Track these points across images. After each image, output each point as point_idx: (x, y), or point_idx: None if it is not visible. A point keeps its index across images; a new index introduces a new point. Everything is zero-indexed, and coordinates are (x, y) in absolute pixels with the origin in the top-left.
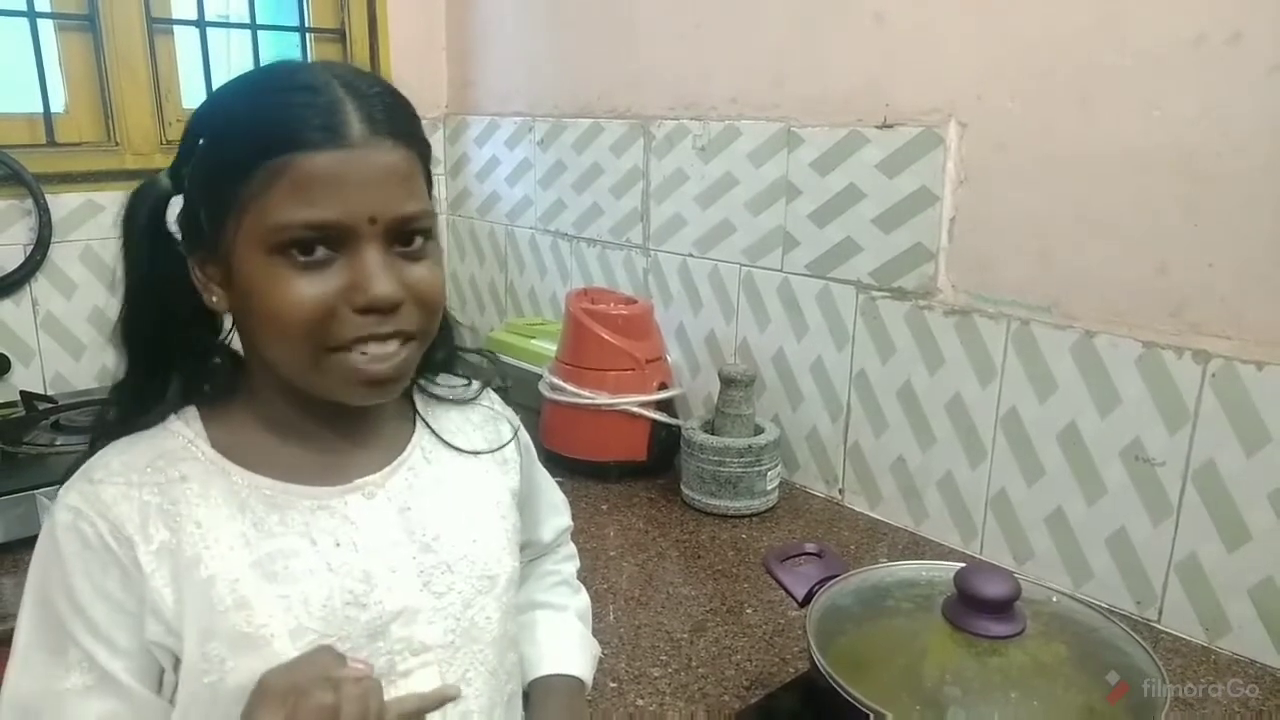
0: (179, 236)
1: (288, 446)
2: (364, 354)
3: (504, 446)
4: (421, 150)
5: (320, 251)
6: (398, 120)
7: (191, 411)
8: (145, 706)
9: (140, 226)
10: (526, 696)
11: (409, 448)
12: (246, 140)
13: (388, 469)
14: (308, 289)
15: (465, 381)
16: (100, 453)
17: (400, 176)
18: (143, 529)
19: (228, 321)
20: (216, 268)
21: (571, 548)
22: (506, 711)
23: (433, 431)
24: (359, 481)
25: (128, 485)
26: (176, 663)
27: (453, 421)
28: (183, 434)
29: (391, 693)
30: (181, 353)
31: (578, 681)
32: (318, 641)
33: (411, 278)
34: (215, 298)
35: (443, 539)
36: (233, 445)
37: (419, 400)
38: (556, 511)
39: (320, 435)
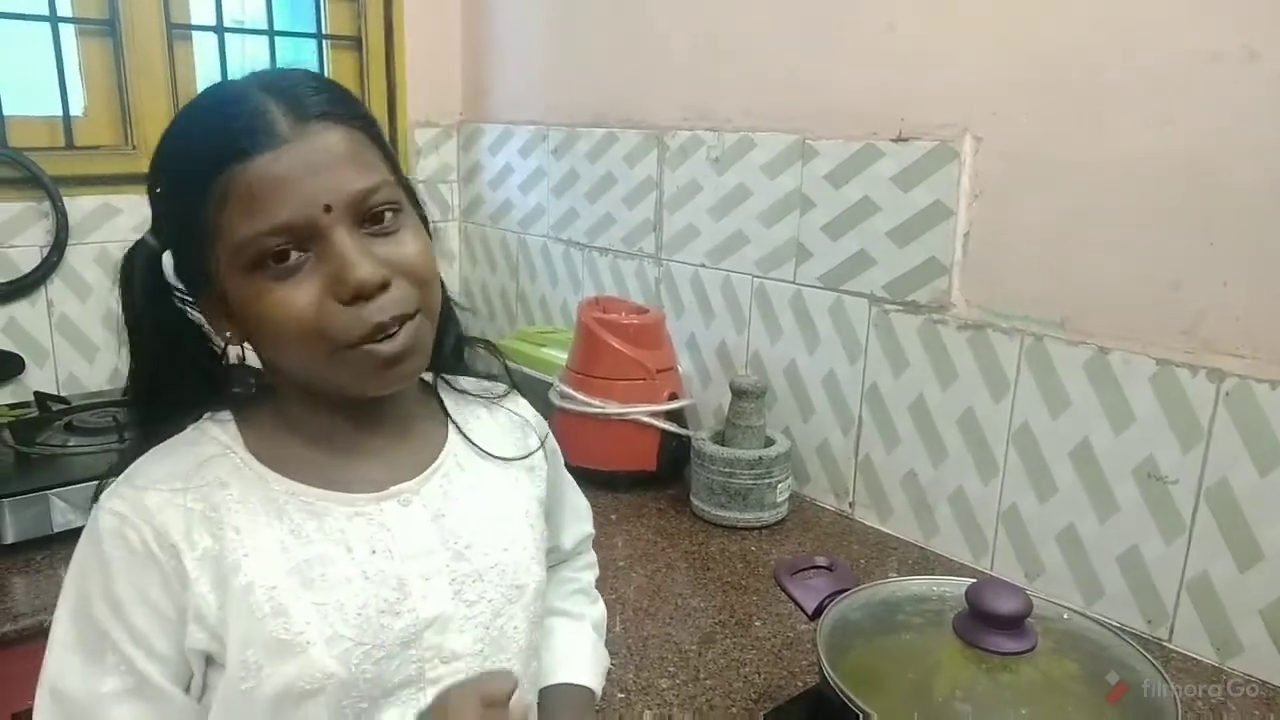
0: (181, 288)
1: (321, 453)
2: (374, 350)
3: (533, 454)
4: (364, 125)
5: (294, 256)
6: (324, 103)
7: (226, 417)
8: (181, 710)
9: (138, 287)
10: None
11: (443, 454)
12: (188, 168)
13: (422, 476)
14: (293, 296)
15: (491, 382)
16: (141, 459)
17: (343, 155)
18: (187, 536)
19: (243, 352)
20: (217, 302)
21: (592, 556)
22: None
23: (465, 438)
24: (394, 489)
25: (172, 492)
26: (208, 666)
27: (482, 427)
28: (220, 439)
29: (422, 700)
30: (201, 391)
31: (589, 692)
32: (352, 649)
33: (391, 254)
34: (229, 333)
35: (475, 547)
36: (268, 452)
37: (449, 402)
38: (579, 518)
39: (351, 441)
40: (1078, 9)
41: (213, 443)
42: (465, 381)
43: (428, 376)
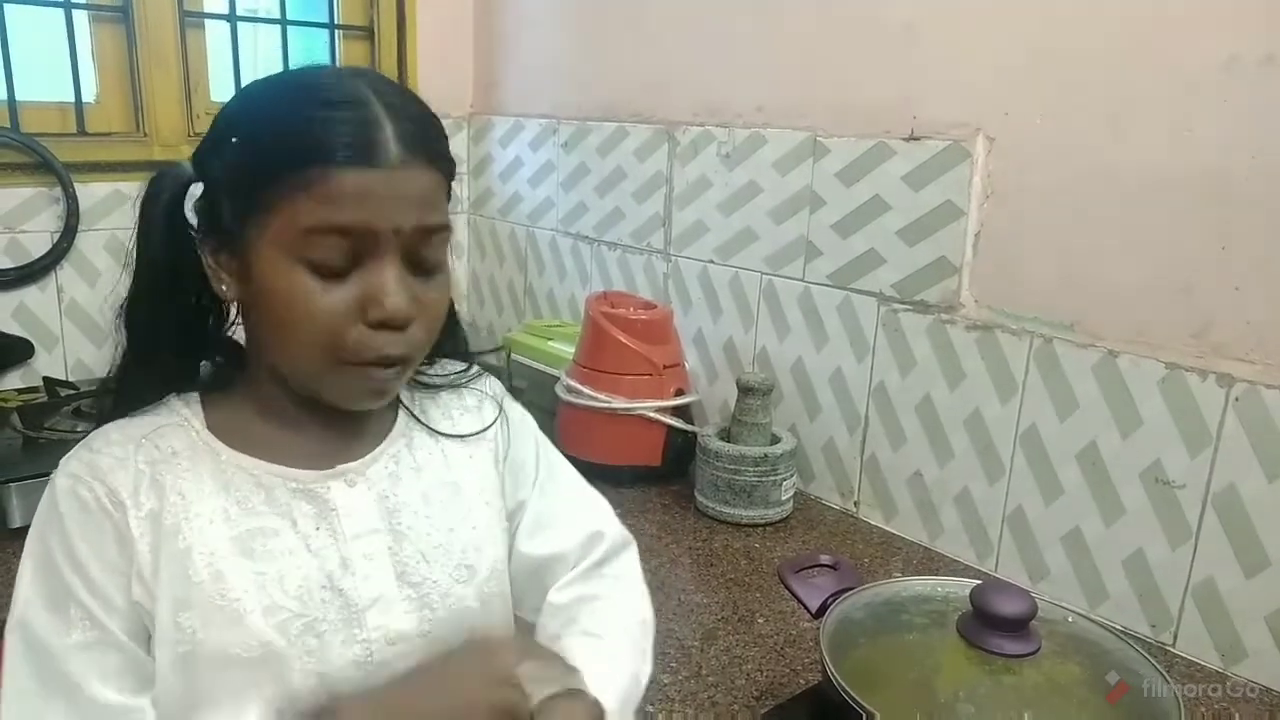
0: (194, 222)
1: (279, 431)
2: (372, 374)
3: (487, 429)
4: (448, 171)
5: (341, 263)
6: (431, 142)
7: (193, 395)
8: (140, 664)
9: (159, 210)
10: None
11: (391, 435)
12: (283, 146)
13: (369, 456)
14: (324, 299)
15: (463, 367)
16: (100, 429)
17: (427, 195)
18: (134, 495)
19: (232, 310)
20: (232, 259)
21: (630, 588)
22: None
23: (415, 418)
24: (341, 468)
25: (124, 454)
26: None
27: (442, 406)
28: (181, 413)
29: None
30: (182, 338)
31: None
32: (292, 620)
33: (423, 295)
34: (225, 286)
35: (417, 528)
36: (226, 428)
37: (404, 388)
38: (574, 511)
39: (310, 422)
40: (1094, 11)
41: (172, 415)
42: (434, 368)
43: None
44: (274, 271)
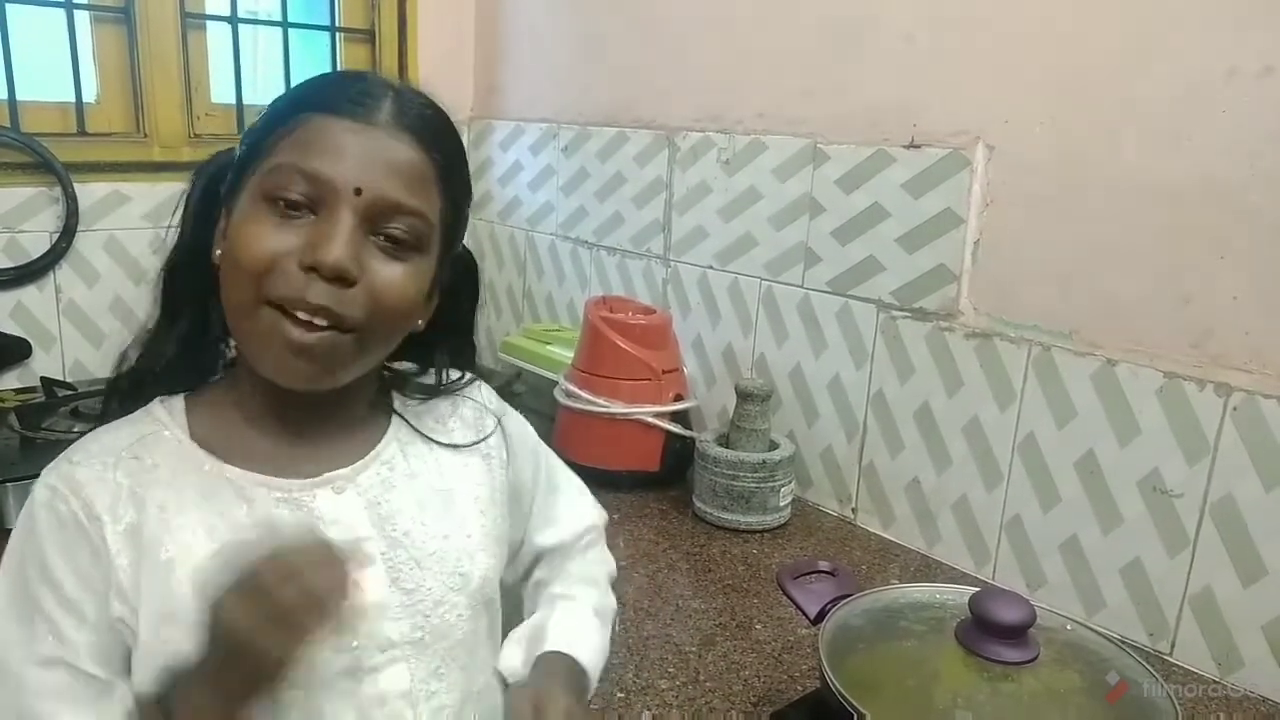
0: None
1: (263, 438)
2: (293, 318)
3: (484, 440)
4: (444, 165)
5: (304, 211)
6: (429, 129)
7: (176, 400)
8: (99, 685)
9: (202, 175)
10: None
11: (383, 441)
12: (289, 101)
13: (359, 463)
14: (271, 234)
15: (459, 375)
16: (83, 438)
17: (407, 172)
18: (112, 509)
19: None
20: (228, 220)
21: (602, 553)
22: (479, 706)
23: (409, 425)
24: (328, 476)
25: (103, 468)
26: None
27: (438, 414)
28: (163, 421)
29: (360, 690)
30: (202, 311)
31: (571, 660)
32: None
33: (377, 271)
34: (219, 250)
35: (412, 535)
36: (210, 436)
37: (397, 394)
38: (574, 508)
39: (295, 427)
40: (1094, 22)
41: (154, 423)
42: (425, 377)
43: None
44: (243, 212)
